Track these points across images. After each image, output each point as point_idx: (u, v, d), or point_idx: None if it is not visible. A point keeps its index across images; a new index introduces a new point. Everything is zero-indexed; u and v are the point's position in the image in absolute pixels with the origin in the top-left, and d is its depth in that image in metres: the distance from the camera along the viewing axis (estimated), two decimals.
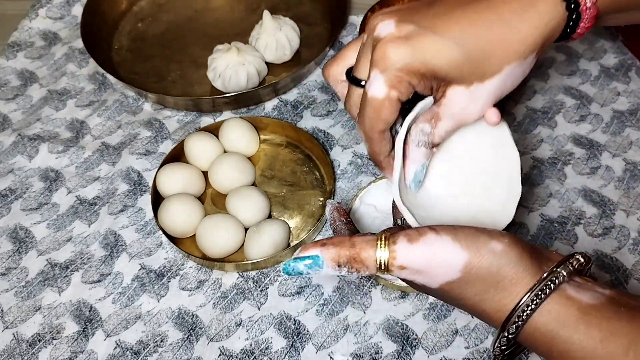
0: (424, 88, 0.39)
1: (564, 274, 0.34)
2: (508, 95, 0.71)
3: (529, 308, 0.33)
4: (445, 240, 0.34)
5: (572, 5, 0.38)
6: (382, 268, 0.35)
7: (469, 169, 0.44)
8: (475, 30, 0.38)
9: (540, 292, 0.33)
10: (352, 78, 0.42)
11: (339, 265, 0.35)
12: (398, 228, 0.37)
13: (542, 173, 0.62)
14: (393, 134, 0.42)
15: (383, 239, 0.35)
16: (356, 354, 0.51)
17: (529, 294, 0.33)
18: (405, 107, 0.41)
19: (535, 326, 0.34)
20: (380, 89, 0.38)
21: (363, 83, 0.41)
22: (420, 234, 0.35)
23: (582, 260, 0.34)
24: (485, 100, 0.40)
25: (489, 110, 0.41)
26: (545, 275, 0.33)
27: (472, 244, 0.34)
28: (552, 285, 0.33)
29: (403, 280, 0.37)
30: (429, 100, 0.41)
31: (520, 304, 0.33)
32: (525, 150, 0.64)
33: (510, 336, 0.34)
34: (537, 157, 0.64)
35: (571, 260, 0.34)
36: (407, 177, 0.42)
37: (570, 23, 0.39)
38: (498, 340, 0.35)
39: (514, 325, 0.34)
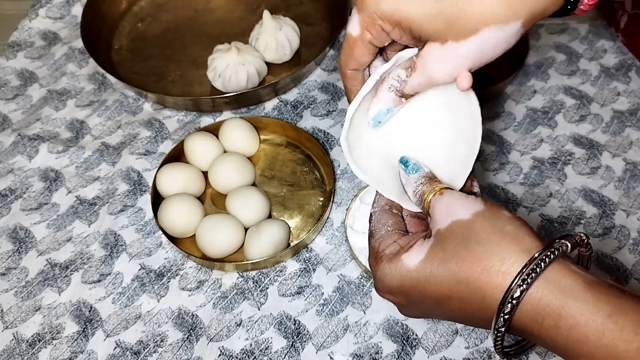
0: (400, 37, 0.39)
1: (568, 244, 0.33)
2: (507, 95, 0.71)
3: (533, 272, 0.32)
4: (461, 195, 0.38)
5: None
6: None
7: (429, 130, 0.45)
8: None
9: (544, 258, 0.32)
10: None
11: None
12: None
13: (542, 173, 0.62)
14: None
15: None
16: (356, 354, 0.51)
17: (532, 259, 0.32)
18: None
19: (540, 297, 0.32)
20: (354, 28, 0.40)
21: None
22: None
23: (584, 237, 0.34)
24: (458, 62, 0.38)
25: (461, 74, 0.38)
26: (548, 244, 0.33)
27: (488, 202, 0.36)
28: (555, 252, 0.32)
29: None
30: (413, 51, 0.41)
31: (523, 270, 0.32)
32: (525, 150, 0.64)
33: (508, 314, 0.32)
34: (537, 157, 0.64)
35: (574, 236, 0.34)
36: (370, 113, 0.43)
37: None
38: (498, 322, 0.33)
39: (513, 300, 0.32)
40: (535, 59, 0.73)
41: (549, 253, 0.32)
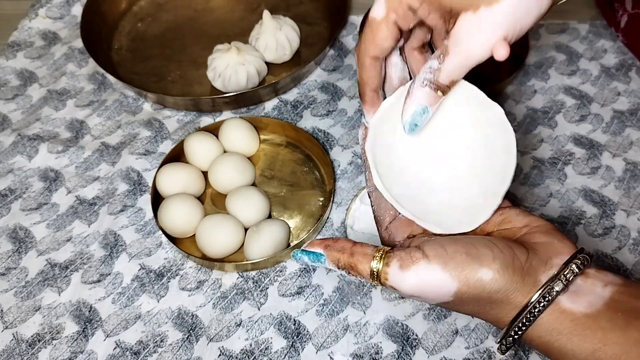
0: (428, 14, 0.38)
1: (557, 290, 0.34)
2: (508, 95, 0.71)
3: (523, 325, 0.35)
4: (435, 269, 0.35)
5: None
6: (376, 283, 0.38)
7: (455, 154, 0.43)
8: None
9: (533, 310, 0.35)
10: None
11: (338, 267, 0.39)
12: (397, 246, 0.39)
13: (542, 173, 0.62)
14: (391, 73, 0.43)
15: (380, 252, 0.37)
16: (356, 354, 0.51)
17: (521, 314, 0.35)
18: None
19: (532, 338, 0.36)
20: (379, 10, 0.39)
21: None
22: (413, 260, 0.36)
23: (576, 269, 0.35)
24: (493, 29, 0.36)
25: (498, 43, 0.36)
26: (536, 295, 0.35)
27: (461, 274, 0.35)
28: (544, 303, 0.34)
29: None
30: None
31: (515, 323, 0.35)
32: (525, 150, 0.64)
33: (508, 345, 0.36)
34: (537, 157, 0.64)
35: (565, 273, 0.35)
36: (404, 116, 0.40)
37: None
38: (499, 347, 0.37)
39: (510, 339, 0.36)
40: (535, 58, 0.73)
41: (537, 305, 0.35)
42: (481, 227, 0.40)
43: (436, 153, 0.43)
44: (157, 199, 0.60)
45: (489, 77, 0.67)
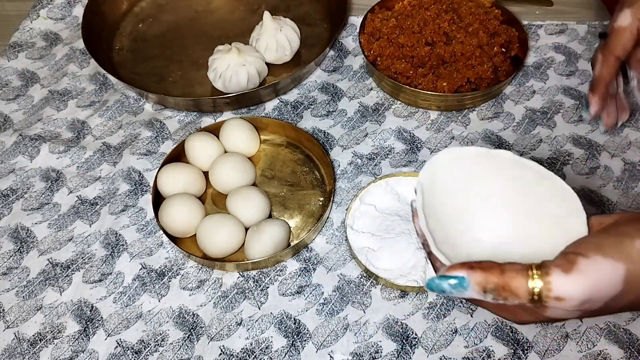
0: None
1: None
2: (507, 96, 0.71)
3: None
4: (597, 260, 0.33)
5: None
6: (535, 299, 0.34)
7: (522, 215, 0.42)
8: None
9: None
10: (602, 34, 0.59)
11: (485, 291, 0.34)
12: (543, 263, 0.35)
13: None
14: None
15: (534, 268, 0.34)
16: (356, 353, 0.51)
17: None
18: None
19: None
20: (625, 19, 0.54)
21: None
22: (570, 262, 0.33)
23: None
24: None
25: None
26: None
27: (623, 253, 0.33)
28: None
29: (553, 317, 0.35)
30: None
31: None
32: (524, 150, 0.65)
33: None
34: (536, 157, 0.64)
35: None
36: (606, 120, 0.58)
37: None
38: None
39: None
40: (534, 59, 0.73)
41: None
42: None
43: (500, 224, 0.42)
44: (158, 199, 0.60)
45: (488, 78, 0.67)
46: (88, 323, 0.54)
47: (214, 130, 0.65)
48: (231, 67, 0.68)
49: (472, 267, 0.34)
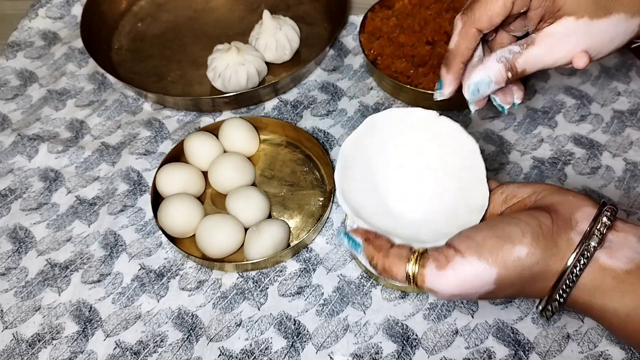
0: (541, 4, 0.42)
1: (593, 245, 0.34)
2: None
3: (567, 287, 0.35)
4: (471, 261, 0.35)
5: None
6: (412, 284, 0.37)
7: (439, 175, 0.46)
8: None
9: (574, 270, 0.34)
10: None
11: (371, 264, 0.38)
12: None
13: (542, 173, 0.62)
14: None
15: (415, 255, 0.37)
16: (356, 354, 0.51)
17: (562, 276, 0.35)
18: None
19: (574, 300, 0.35)
20: None
21: None
22: (448, 258, 0.35)
23: (606, 221, 0.35)
24: (584, 39, 0.41)
25: (580, 53, 0.42)
26: (574, 254, 0.34)
27: (497, 258, 0.35)
28: (584, 261, 0.34)
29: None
30: None
31: (558, 286, 0.35)
32: (525, 150, 0.64)
33: (554, 310, 0.36)
34: (538, 157, 0.64)
35: (598, 227, 0.35)
36: (471, 79, 0.43)
37: None
38: (541, 313, 0.37)
39: (556, 303, 0.36)
40: None
41: (575, 268, 0.35)
42: (489, 213, 0.41)
43: (412, 183, 0.46)
44: (157, 199, 0.60)
45: None
46: (87, 324, 0.54)
47: (214, 130, 0.65)
48: (230, 67, 0.68)
49: (368, 239, 0.39)
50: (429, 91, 0.65)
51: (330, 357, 0.51)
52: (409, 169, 0.46)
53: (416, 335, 0.52)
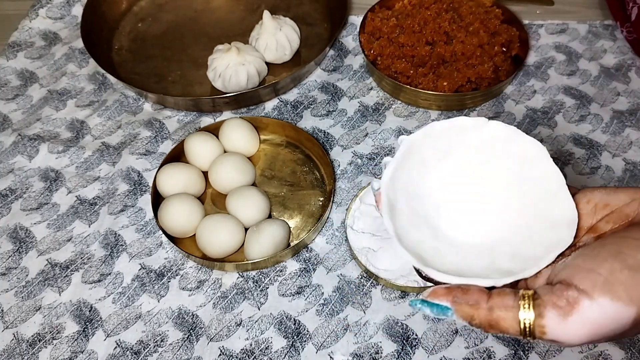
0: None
1: None
2: (507, 95, 0.71)
3: None
4: (603, 305, 0.29)
5: None
6: (527, 334, 0.31)
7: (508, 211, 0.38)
8: None
9: None
10: None
11: (471, 324, 0.32)
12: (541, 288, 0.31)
13: None
14: None
15: (526, 300, 0.31)
16: (356, 354, 0.51)
17: None
18: None
19: None
20: None
21: None
22: (571, 303, 0.29)
23: None
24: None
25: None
26: None
27: (636, 294, 0.29)
28: None
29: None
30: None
31: None
32: None
33: None
34: None
35: None
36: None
37: None
38: None
39: None
40: (535, 59, 0.73)
41: None
42: (579, 227, 0.34)
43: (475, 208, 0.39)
44: (158, 199, 0.60)
45: (489, 78, 0.67)
46: (87, 323, 0.54)
47: (214, 130, 0.65)
48: (231, 67, 0.68)
49: (456, 298, 0.32)
50: (428, 91, 0.65)
51: (330, 357, 0.51)
52: (463, 189, 0.39)
53: (416, 335, 0.52)
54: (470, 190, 0.39)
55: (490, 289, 0.33)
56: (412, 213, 0.37)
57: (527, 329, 0.30)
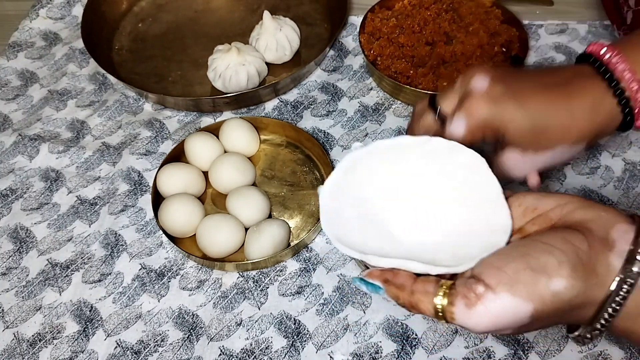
0: (484, 136, 0.45)
1: (636, 271, 0.32)
2: None
3: (610, 316, 0.33)
4: (503, 298, 0.32)
5: (624, 105, 0.43)
6: (441, 317, 0.34)
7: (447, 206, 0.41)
8: (547, 111, 0.43)
9: (616, 299, 0.32)
10: (434, 103, 0.47)
11: (398, 303, 0.36)
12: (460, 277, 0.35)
13: (541, 173, 0.62)
14: None
15: (443, 289, 0.34)
16: (356, 354, 0.51)
17: (603, 306, 0.33)
18: None
19: (615, 326, 0.33)
20: (460, 130, 0.44)
21: (439, 111, 0.46)
22: (477, 295, 0.33)
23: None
24: (531, 166, 0.45)
25: (532, 174, 0.46)
26: (615, 283, 0.32)
27: (533, 294, 0.32)
28: (627, 288, 0.32)
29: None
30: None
31: (599, 316, 0.33)
32: None
33: (593, 336, 0.35)
34: None
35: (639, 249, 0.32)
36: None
37: (628, 118, 0.44)
38: (577, 339, 0.36)
39: (596, 332, 0.34)
40: (535, 59, 0.73)
41: (618, 297, 0.33)
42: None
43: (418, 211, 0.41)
44: (158, 199, 0.60)
45: None
46: (87, 323, 0.54)
47: (214, 130, 0.65)
48: (231, 67, 0.68)
49: (387, 280, 0.36)
50: (428, 91, 0.65)
51: (330, 357, 0.51)
52: (410, 195, 0.42)
53: (416, 335, 0.52)
54: (418, 195, 0.42)
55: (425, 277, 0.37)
56: (359, 217, 0.41)
57: (440, 313, 0.34)
